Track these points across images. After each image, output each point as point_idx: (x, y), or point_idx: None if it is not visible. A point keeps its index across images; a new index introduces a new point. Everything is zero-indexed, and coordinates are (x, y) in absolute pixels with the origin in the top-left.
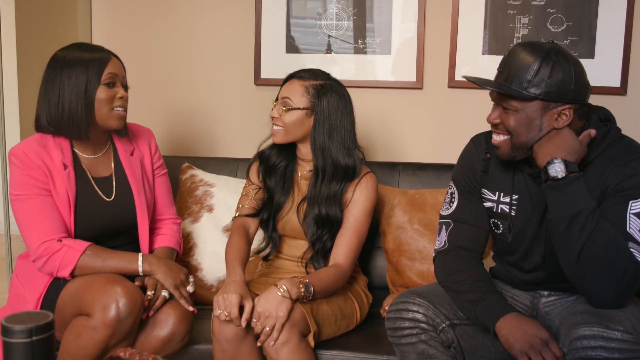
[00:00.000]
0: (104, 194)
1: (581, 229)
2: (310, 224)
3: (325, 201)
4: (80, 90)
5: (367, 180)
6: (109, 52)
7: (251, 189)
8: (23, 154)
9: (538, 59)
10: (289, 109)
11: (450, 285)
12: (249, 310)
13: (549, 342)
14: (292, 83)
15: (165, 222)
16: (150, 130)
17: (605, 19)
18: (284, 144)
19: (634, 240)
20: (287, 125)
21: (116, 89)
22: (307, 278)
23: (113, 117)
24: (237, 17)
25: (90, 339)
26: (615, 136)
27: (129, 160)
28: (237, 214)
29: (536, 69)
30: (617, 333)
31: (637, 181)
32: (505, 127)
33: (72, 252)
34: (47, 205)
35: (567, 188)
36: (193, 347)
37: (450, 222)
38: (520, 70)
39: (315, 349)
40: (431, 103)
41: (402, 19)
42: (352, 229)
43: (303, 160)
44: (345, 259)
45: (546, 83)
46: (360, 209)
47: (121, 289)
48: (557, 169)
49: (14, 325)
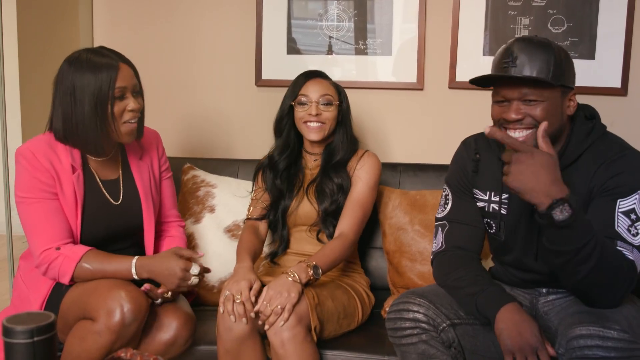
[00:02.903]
0: (112, 197)
1: (587, 259)
2: (325, 196)
3: (335, 173)
4: (89, 105)
5: (367, 156)
6: (117, 59)
7: (260, 193)
8: (31, 154)
9: (551, 47)
10: (332, 104)
11: (449, 283)
12: (257, 288)
13: (539, 350)
14: (321, 82)
15: (171, 225)
16: (158, 132)
17: (606, 20)
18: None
19: (622, 239)
20: (329, 121)
21: (125, 102)
22: (313, 259)
23: (124, 132)
24: (238, 19)
25: (94, 343)
26: (600, 133)
27: (137, 163)
28: (248, 217)
29: (557, 56)
30: (613, 332)
31: (623, 179)
32: (532, 119)
33: (68, 261)
34: (52, 210)
35: (576, 224)
36: (196, 348)
37: (446, 224)
38: (539, 59)
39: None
40: (432, 104)
41: (402, 20)
42: (356, 201)
43: (311, 153)
44: (350, 229)
45: (563, 70)
46: (364, 182)
47: (126, 293)
48: (564, 213)
49: (15, 326)
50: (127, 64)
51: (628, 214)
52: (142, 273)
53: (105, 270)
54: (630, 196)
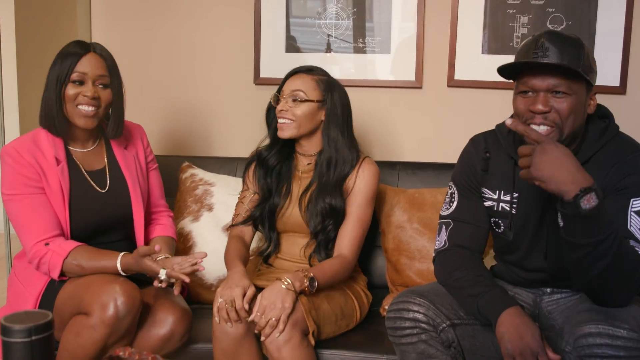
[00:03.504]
0: (98, 186)
1: (604, 254)
2: (315, 215)
3: (330, 191)
4: (53, 87)
5: (366, 165)
6: (89, 48)
7: (247, 194)
8: (15, 152)
9: (580, 41)
10: (302, 101)
11: (451, 282)
12: (250, 294)
13: (540, 355)
14: (301, 77)
15: (161, 214)
16: (142, 126)
17: (605, 18)
18: (291, 138)
19: (635, 239)
20: (300, 118)
21: (83, 88)
22: (311, 271)
23: (77, 115)
24: (236, 17)
25: (89, 337)
26: (613, 132)
27: (122, 153)
28: (232, 224)
29: (586, 51)
30: (623, 331)
31: (636, 179)
32: (557, 115)
33: (56, 257)
34: (40, 204)
35: (600, 216)
36: (192, 347)
37: (450, 222)
38: (571, 52)
39: (315, 348)
40: (430, 102)
41: (401, 18)
42: (356, 219)
43: (303, 155)
44: (350, 250)
45: (590, 65)
46: (363, 197)
47: (119, 287)
48: (592, 202)
49: (13, 325)
50: (101, 57)
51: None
52: (128, 270)
53: (94, 265)
54: None
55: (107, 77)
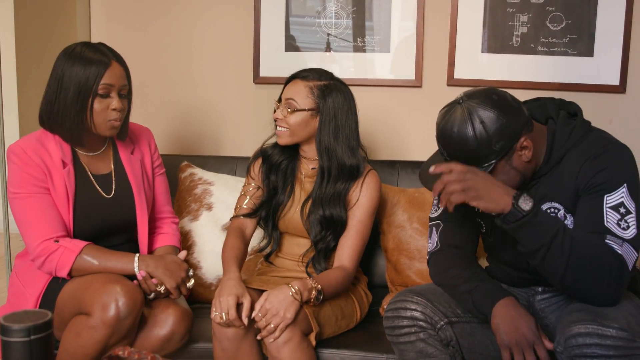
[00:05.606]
0: (104, 191)
1: (560, 251)
2: (314, 224)
3: (329, 202)
4: (73, 95)
5: (370, 179)
6: (110, 57)
7: (250, 188)
8: (22, 151)
9: (464, 137)
10: (294, 110)
11: (445, 281)
12: (247, 306)
13: (536, 344)
14: (296, 84)
15: (165, 221)
16: (149, 129)
17: (605, 17)
18: (288, 145)
19: (613, 234)
20: (293, 127)
21: (109, 100)
22: (319, 283)
23: (106, 127)
24: (236, 16)
25: (90, 338)
26: (583, 130)
27: (129, 158)
28: (234, 214)
29: (478, 140)
30: (612, 330)
31: (609, 174)
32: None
33: (68, 253)
34: (46, 204)
35: (540, 218)
36: (193, 346)
37: (440, 223)
38: (464, 152)
39: (315, 348)
40: (430, 101)
41: (401, 17)
42: (357, 230)
43: (307, 158)
44: (351, 261)
45: (489, 147)
46: (365, 210)
47: (121, 288)
48: (528, 202)
49: (12, 325)
50: (121, 64)
51: (617, 208)
52: (144, 269)
53: (106, 265)
54: (617, 190)
55: (127, 86)
